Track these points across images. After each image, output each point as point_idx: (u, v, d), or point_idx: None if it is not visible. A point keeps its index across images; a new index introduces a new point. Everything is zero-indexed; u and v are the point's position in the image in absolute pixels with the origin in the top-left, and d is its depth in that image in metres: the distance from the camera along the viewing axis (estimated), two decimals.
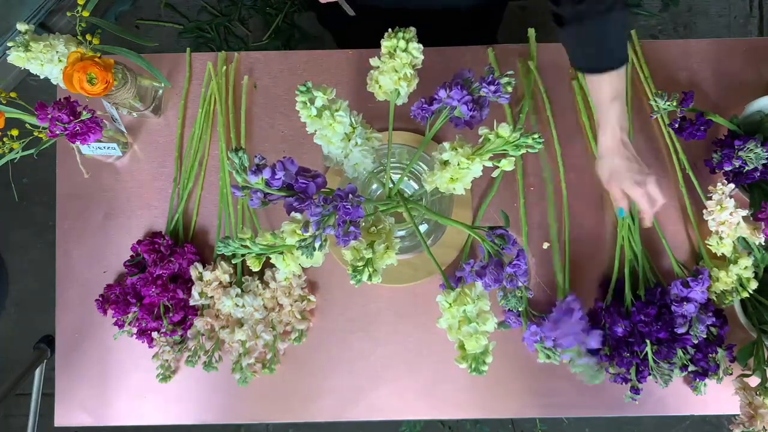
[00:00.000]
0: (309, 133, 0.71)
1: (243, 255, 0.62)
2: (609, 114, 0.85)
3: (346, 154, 0.69)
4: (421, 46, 0.68)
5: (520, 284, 0.62)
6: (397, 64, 0.68)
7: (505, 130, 0.61)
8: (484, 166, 0.67)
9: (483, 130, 0.64)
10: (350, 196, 0.59)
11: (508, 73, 0.66)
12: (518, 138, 0.60)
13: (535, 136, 0.60)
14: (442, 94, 0.64)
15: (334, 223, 0.58)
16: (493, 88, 0.63)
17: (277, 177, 0.58)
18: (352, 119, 0.68)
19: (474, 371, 0.60)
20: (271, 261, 0.65)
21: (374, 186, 0.93)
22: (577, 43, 0.84)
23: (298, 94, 0.64)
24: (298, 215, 0.62)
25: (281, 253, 0.62)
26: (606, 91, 0.84)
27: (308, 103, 0.64)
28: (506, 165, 0.65)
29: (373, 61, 0.70)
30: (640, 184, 0.85)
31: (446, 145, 0.66)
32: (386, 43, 0.68)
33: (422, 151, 0.74)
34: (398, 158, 0.98)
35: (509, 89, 0.65)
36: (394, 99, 0.72)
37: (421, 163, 0.95)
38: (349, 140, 0.67)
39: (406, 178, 0.93)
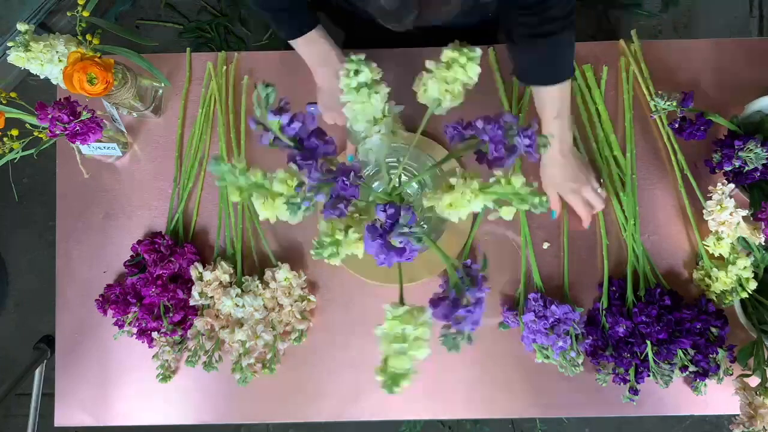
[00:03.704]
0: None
1: (227, 182, 0.60)
2: (550, 129, 0.90)
3: (366, 136, 0.67)
4: (479, 68, 0.66)
5: (466, 330, 0.61)
6: (449, 76, 0.67)
7: (517, 180, 0.60)
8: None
9: (498, 173, 0.63)
10: (352, 174, 0.58)
11: (547, 135, 0.65)
12: (527, 194, 0.60)
13: (544, 199, 0.60)
14: (479, 125, 0.63)
15: (327, 193, 0.58)
16: (527, 141, 0.62)
17: (292, 126, 0.58)
18: (386, 108, 0.67)
19: (386, 388, 0.59)
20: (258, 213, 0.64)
21: (376, 183, 0.93)
22: (526, 59, 0.87)
23: (349, 61, 0.62)
24: (294, 167, 0.61)
25: (264, 196, 0.61)
26: (549, 108, 0.88)
27: (353, 73, 0.62)
28: (505, 213, 0.64)
29: (429, 63, 0.68)
30: (574, 192, 0.94)
31: (459, 171, 0.65)
32: (448, 53, 0.66)
33: (424, 154, 0.73)
34: (409, 158, 0.97)
35: (542, 152, 0.64)
36: (433, 108, 0.71)
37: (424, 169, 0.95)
38: (374, 125, 0.66)
39: (406, 178, 0.93)
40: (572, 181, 0.93)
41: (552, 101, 0.87)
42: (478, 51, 0.66)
